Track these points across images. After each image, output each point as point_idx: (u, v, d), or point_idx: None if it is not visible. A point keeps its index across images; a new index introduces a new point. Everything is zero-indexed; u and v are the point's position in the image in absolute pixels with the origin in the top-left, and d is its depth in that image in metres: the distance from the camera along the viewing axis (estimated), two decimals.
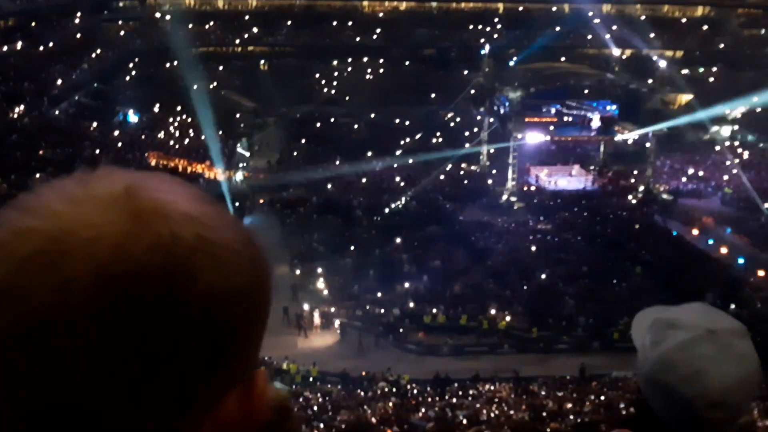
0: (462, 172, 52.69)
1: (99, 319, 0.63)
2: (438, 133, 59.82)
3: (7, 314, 0.63)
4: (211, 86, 69.39)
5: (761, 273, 37.21)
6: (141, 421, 0.65)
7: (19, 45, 57.11)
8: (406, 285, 36.29)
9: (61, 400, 0.63)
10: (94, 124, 52.03)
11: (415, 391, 29.13)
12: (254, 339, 0.72)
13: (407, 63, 76.12)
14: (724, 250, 39.75)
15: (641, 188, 48.98)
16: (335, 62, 75.60)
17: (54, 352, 0.62)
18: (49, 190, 0.69)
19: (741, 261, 38.47)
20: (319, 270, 37.50)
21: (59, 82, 55.78)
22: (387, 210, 43.91)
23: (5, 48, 55.51)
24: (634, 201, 48.02)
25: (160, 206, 0.68)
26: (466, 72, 65.19)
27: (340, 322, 33.96)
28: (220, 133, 59.18)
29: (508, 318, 34.25)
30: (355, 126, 62.12)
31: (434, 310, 34.63)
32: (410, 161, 53.28)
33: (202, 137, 56.35)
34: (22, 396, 0.64)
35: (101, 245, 0.64)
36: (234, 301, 0.68)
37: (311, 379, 30.59)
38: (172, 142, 54.40)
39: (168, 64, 73.83)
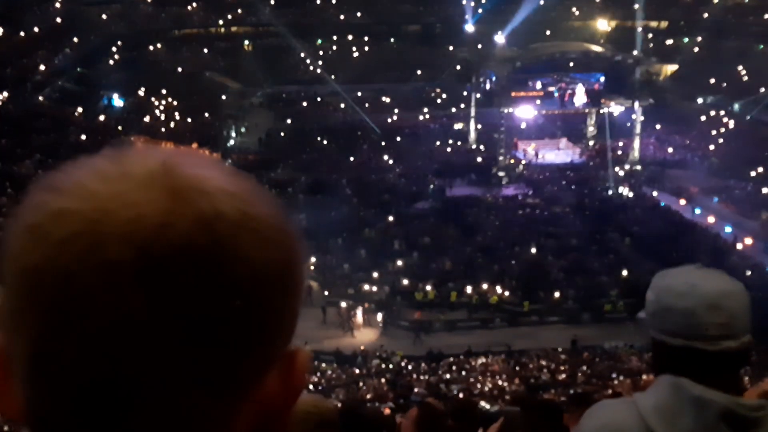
0: (449, 149, 52.65)
1: (144, 300, 0.62)
2: (425, 110, 59.74)
3: (48, 295, 0.62)
4: (196, 68, 69.06)
5: (748, 241, 37.50)
6: (187, 395, 0.64)
7: (0, 31, 56.48)
8: (399, 263, 36.36)
9: (109, 376, 0.62)
10: (79, 110, 51.65)
11: (409, 367, 29.35)
12: (293, 314, 0.71)
13: (392, 40, 75.74)
14: (711, 219, 40.01)
15: (628, 159, 49.10)
16: (319, 41, 75.19)
17: (97, 333, 0.61)
18: (81, 169, 0.66)
19: (728, 229, 38.74)
20: (310, 250, 37.52)
21: (42, 67, 55.28)
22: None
23: None
24: (621, 173, 48.18)
25: (199, 182, 0.66)
26: (451, 48, 64.96)
27: (383, 317, 33.68)
28: (206, 115, 58.99)
29: (499, 291, 34.47)
30: (342, 105, 61.92)
31: (427, 287, 34.75)
32: (398, 139, 53.24)
33: (188, 120, 56.15)
34: (67, 374, 0.62)
35: (142, 225, 0.62)
36: (276, 276, 0.67)
37: None
38: (158, 125, 54.08)
39: (151, 47, 73.37)
